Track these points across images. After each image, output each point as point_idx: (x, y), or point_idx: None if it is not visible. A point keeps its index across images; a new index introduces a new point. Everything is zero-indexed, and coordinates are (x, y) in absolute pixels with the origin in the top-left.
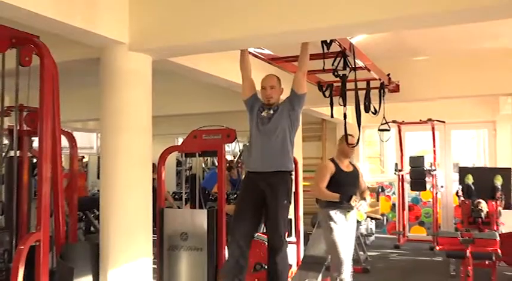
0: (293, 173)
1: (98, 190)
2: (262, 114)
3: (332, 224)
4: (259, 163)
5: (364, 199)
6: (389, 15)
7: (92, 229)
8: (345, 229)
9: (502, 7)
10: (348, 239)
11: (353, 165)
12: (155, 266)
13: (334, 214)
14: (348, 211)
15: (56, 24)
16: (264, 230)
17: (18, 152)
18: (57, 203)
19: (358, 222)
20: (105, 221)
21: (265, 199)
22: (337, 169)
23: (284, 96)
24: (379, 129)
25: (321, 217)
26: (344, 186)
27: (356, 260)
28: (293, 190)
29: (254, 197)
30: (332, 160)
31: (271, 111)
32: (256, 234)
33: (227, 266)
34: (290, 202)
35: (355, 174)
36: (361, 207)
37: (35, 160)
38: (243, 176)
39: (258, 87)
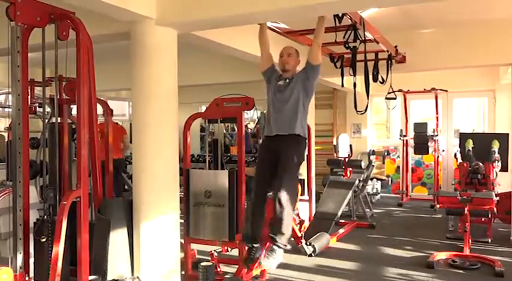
0: (306, 138)
1: (131, 153)
2: (279, 83)
3: None
4: (274, 128)
5: None
6: None
7: (126, 187)
8: None
9: None
10: None
11: None
12: (182, 221)
13: None
14: None
15: (90, 1)
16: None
17: (59, 118)
18: (95, 164)
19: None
20: (138, 180)
21: (279, 158)
22: None
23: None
24: (386, 98)
25: None
26: None
27: (363, 217)
28: (305, 152)
29: (270, 158)
30: None
31: (287, 81)
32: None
33: (247, 224)
34: (301, 161)
35: None
36: None
37: (74, 126)
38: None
39: (276, 61)
